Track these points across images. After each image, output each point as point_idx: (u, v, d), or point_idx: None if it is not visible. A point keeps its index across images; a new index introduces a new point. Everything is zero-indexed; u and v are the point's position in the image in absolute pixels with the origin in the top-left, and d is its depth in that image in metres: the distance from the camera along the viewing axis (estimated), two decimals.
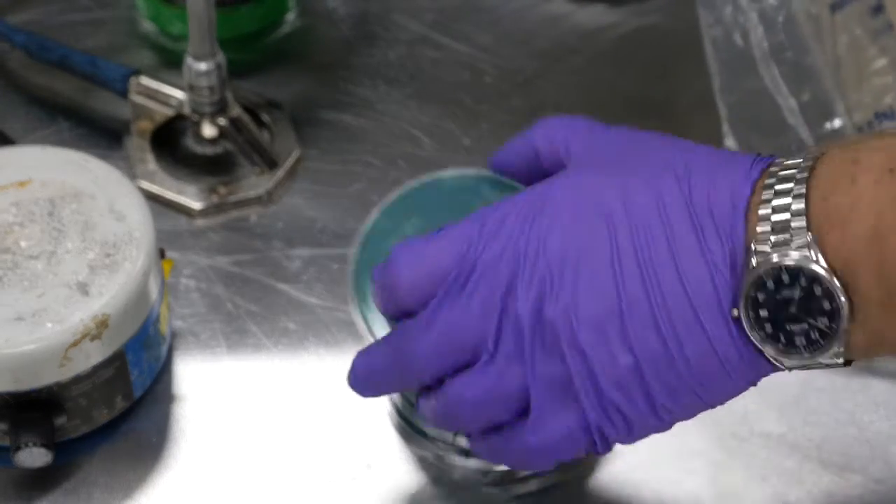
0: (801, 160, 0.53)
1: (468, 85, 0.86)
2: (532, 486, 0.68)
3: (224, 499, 0.67)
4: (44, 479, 0.67)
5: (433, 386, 0.60)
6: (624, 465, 0.68)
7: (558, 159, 0.62)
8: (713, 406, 0.56)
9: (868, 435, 0.70)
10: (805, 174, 0.52)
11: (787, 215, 0.51)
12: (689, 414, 0.57)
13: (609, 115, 0.85)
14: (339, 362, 0.70)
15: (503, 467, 0.68)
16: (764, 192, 0.52)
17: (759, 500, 0.68)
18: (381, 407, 0.70)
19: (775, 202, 0.52)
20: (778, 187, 0.52)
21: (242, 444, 0.69)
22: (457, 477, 0.68)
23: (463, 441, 0.67)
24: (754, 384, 0.56)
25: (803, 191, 0.51)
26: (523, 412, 0.58)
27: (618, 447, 0.59)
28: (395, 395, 0.69)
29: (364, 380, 0.63)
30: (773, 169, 0.53)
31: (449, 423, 0.61)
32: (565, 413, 0.57)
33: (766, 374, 0.55)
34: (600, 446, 0.58)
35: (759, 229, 0.52)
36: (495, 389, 0.58)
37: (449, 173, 0.69)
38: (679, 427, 0.58)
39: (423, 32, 0.89)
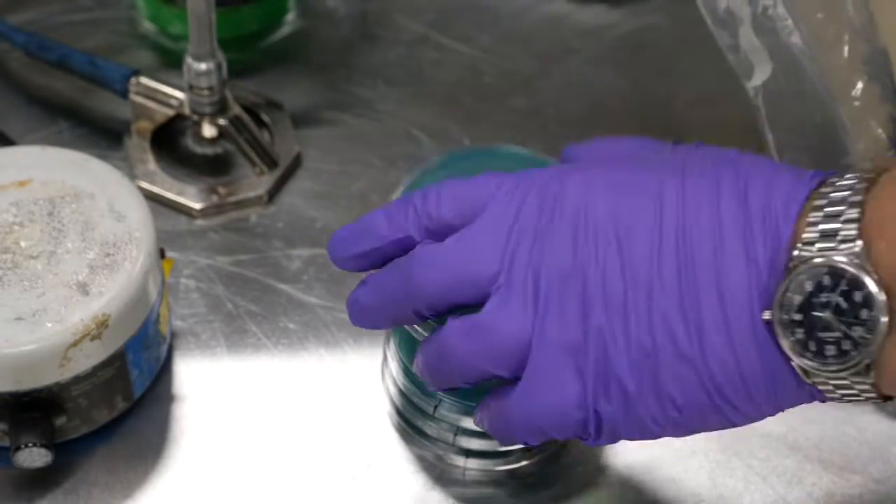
0: (860, 175, 0.52)
1: (468, 85, 0.86)
2: (532, 486, 0.68)
3: (224, 499, 0.67)
4: (44, 479, 0.67)
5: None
6: (624, 465, 0.68)
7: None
8: (729, 420, 0.54)
9: (868, 435, 0.70)
10: (863, 185, 0.51)
11: (837, 223, 0.50)
12: (698, 418, 0.54)
13: (609, 115, 0.85)
14: (339, 362, 0.71)
15: (504, 466, 0.68)
16: (818, 200, 0.51)
17: (759, 500, 0.68)
18: (381, 407, 0.70)
19: (828, 209, 0.51)
20: (833, 195, 0.51)
21: (242, 444, 0.69)
22: (457, 477, 0.68)
23: (463, 441, 0.67)
24: (779, 408, 0.53)
25: (859, 199, 0.50)
26: (517, 373, 0.56)
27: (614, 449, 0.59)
28: (396, 395, 0.69)
29: (366, 301, 0.59)
30: (832, 180, 0.52)
31: (442, 366, 0.57)
32: (563, 379, 0.54)
33: (787, 400, 0.53)
34: (592, 424, 0.55)
35: (806, 234, 0.51)
36: (497, 331, 0.55)
37: (503, 147, 0.67)
38: None
39: (423, 32, 0.89)
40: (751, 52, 0.70)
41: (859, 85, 0.69)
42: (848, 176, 0.52)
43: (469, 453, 0.68)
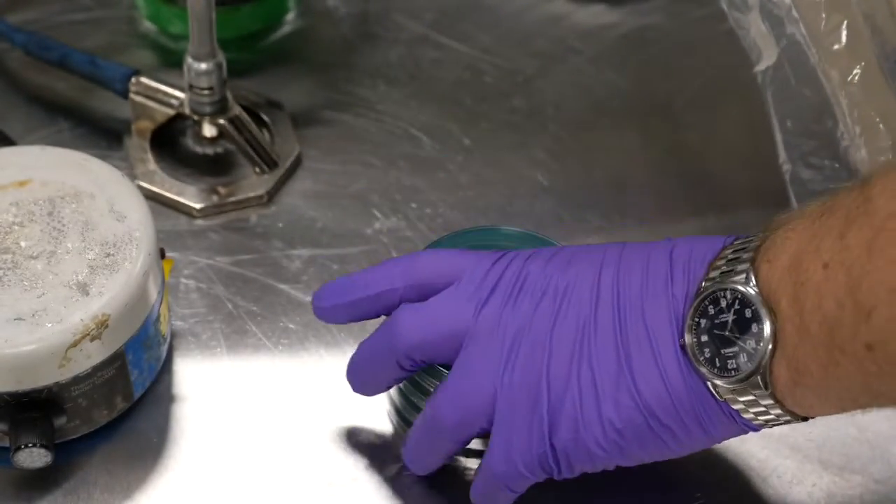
0: (767, 229, 0.59)
1: (468, 85, 0.86)
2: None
3: (224, 499, 0.67)
4: (44, 480, 0.67)
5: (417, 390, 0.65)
6: (624, 466, 0.68)
7: None
8: (667, 446, 0.60)
9: (868, 435, 0.70)
10: (766, 235, 0.58)
11: (737, 262, 0.58)
12: (638, 442, 0.60)
13: (609, 115, 0.85)
14: (339, 362, 0.70)
15: None
16: (727, 250, 0.59)
17: (759, 500, 0.68)
18: (381, 407, 0.70)
19: (732, 255, 0.58)
20: (739, 244, 0.59)
21: (242, 444, 0.69)
22: (457, 477, 0.68)
23: None
24: (712, 436, 0.59)
25: (757, 244, 0.58)
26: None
27: None
28: (396, 395, 0.69)
29: (356, 357, 0.66)
30: (746, 237, 0.59)
31: (435, 432, 0.63)
32: (523, 417, 0.60)
33: (717, 427, 0.59)
34: (550, 458, 0.61)
35: (713, 273, 0.58)
36: (469, 381, 0.61)
37: (505, 228, 0.71)
38: None
39: (423, 32, 0.89)
40: (759, 37, 0.71)
41: (856, 71, 0.70)
42: (759, 233, 0.59)
43: (469, 453, 0.68)
